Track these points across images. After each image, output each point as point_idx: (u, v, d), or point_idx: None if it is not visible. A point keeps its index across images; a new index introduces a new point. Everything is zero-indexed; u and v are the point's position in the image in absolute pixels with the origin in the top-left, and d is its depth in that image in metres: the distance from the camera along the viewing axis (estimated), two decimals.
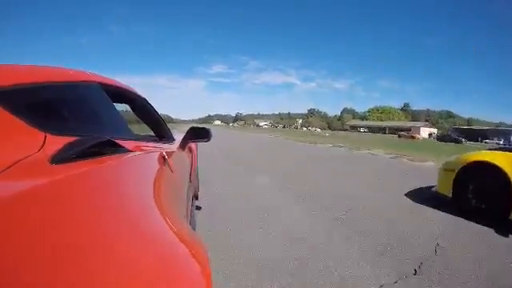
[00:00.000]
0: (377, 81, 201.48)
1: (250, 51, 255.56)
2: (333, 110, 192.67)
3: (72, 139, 0.60)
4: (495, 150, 3.01)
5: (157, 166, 0.88)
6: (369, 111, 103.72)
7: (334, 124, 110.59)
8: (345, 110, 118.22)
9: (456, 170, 2.93)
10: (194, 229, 1.69)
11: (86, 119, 0.91)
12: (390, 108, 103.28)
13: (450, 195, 2.95)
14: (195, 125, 2.03)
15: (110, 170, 0.62)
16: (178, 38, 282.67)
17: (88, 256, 0.31)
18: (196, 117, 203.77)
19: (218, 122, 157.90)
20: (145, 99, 1.47)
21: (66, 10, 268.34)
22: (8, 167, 0.40)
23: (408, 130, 67.94)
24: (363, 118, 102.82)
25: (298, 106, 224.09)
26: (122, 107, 1.41)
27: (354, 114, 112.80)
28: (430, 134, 55.81)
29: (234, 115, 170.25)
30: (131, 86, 1.34)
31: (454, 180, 2.91)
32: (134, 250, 0.36)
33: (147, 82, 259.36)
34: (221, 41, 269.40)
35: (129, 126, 1.17)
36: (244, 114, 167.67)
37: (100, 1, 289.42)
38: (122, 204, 0.50)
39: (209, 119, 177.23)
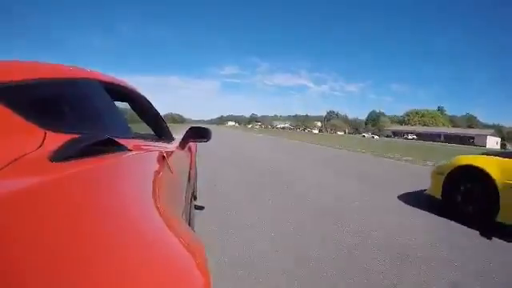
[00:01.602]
0: (389, 84, 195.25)
1: (261, 53, 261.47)
2: (353, 113, 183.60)
3: (71, 137, 0.61)
4: (484, 154, 3.24)
5: (156, 165, 0.89)
6: (407, 114, 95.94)
7: (361, 128, 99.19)
8: (373, 113, 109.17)
9: (445, 174, 3.16)
10: (192, 229, 1.73)
11: (85, 117, 0.91)
12: (432, 112, 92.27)
13: (440, 197, 3.19)
14: (206, 126, 2.00)
15: (110, 169, 0.63)
16: (192, 39, 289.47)
17: (86, 255, 0.32)
18: (208, 117, 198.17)
19: (231, 123, 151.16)
20: (144, 97, 1.48)
21: (79, 12, 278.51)
22: (8, 164, 0.41)
23: (471, 137, 56.65)
24: (401, 122, 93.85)
25: (311, 107, 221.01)
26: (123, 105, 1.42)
27: (384, 117, 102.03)
28: (503, 145, 44.81)
29: (248, 116, 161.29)
30: (132, 84, 1.34)
31: (444, 183, 3.16)
32: (132, 250, 0.37)
33: (161, 82, 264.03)
34: (233, 42, 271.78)
35: (129, 125, 1.19)
36: (259, 115, 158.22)
37: (113, 3, 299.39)
38: (121, 203, 0.51)
39: (222, 120, 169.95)
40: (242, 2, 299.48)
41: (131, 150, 0.82)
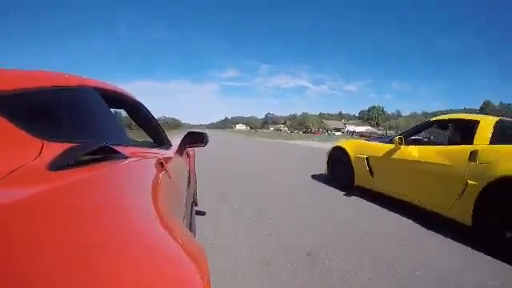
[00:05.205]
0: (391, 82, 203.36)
1: (261, 55, 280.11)
2: (390, 109, 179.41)
3: (69, 146, 0.67)
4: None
5: (155, 171, 0.98)
6: None
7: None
8: (486, 104, 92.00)
9: (328, 153, 5.25)
10: (194, 235, 1.88)
11: (82, 125, 0.99)
12: None
13: (327, 171, 5.32)
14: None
15: (109, 177, 0.69)
16: (192, 43, 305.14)
17: (88, 262, 0.35)
18: (209, 121, 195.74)
19: (241, 127, 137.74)
20: (141, 104, 1.63)
21: (79, 17, 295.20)
22: (6, 175, 0.45)
23: None
24: None
25: (314, 106, 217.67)
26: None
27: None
28: None
29: (261, 117, 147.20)
30: (128, 91, 1.47)
31: (327, 160, 5.24)
32: (133, 257, 0.40)
33: (161, 87, 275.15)
34: (232, 45, 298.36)
35: (127, 132, 1.34)
36: (277, 114, 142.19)
37: (112, 7, 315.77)
38: (121, 210, 0.56)
39: (227, 123, 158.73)
40: (240, 7, 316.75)
41: (129, 158, 0.90)
